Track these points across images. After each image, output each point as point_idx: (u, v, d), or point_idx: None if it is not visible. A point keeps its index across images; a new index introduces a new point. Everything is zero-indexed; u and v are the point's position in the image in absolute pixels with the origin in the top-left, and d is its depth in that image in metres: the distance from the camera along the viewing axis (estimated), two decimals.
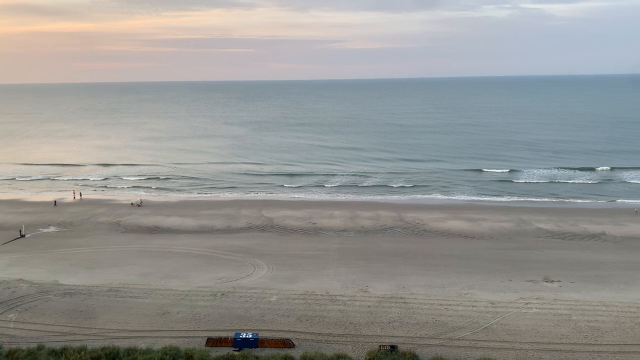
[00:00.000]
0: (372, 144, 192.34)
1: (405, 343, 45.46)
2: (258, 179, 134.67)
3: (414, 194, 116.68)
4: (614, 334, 46.81)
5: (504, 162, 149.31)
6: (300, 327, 48.61)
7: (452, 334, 47.29)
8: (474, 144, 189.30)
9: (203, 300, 54.88)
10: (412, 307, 52.74)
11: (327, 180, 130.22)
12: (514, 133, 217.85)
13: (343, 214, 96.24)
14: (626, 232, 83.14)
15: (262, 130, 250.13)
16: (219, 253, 72.53)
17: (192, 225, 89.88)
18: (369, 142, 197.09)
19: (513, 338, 46.39)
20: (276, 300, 54.77)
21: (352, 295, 55.88)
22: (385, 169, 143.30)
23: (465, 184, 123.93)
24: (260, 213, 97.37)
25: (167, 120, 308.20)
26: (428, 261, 68.44)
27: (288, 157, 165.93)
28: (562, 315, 50.60)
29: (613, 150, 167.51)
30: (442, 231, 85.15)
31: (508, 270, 64.61)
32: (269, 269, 65.22)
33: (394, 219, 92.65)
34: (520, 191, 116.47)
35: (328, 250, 73.72)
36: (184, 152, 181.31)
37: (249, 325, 48.96)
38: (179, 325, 49.10)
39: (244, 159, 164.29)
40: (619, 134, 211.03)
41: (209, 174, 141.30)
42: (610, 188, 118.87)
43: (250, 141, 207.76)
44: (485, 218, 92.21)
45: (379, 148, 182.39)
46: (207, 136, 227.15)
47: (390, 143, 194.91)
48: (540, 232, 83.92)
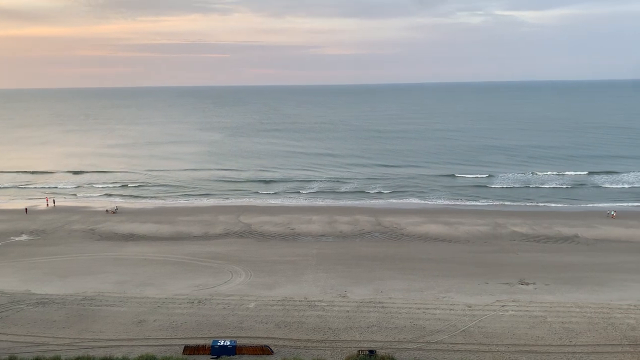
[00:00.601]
0: (349, 150, 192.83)
1: (383, 347, 45.57)
2: (234, 186, 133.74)
3: (392, 199, 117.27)
4: (588, 335, 47.66)
5: (479, 167, 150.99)
6: (279, 334, 48.38)
7: (430, 337, 47.58)
8: (450, 149, 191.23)
9: (180, 307, 54.23)
10: (390, 312, 52.93)
11: (304, 187, 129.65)
12: (489, 138, 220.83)
13: (321, 219, 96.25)
14: (598, 234, 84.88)
15: (238, 135, 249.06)
16: (196, 260, 71.82)
17: (169, 232, 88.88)
18: (346, 148, 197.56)
19: (490, 341, 46.88)
20: (254, 306, 54.43)
21: (331, 301, 55.84)
22: (362, 175, 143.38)
23: (442, 189, 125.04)
24: (238, 219, 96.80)
25: (143, 127, 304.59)
26: (406, 265, 68.83)
27: (264, 163, 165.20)
28: (538, 317, 51.34)
29: (586, 155, 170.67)
30: (419, 235, 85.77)
31: (484, 273, 65.34)
32: (247, 276, 64.81)
33: (372, 223, 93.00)
34: (495, 195, 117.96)
35: (306, 256, 73.60)
36: (159, 158, 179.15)
37: (226, 333, 48.52)
38: (155, 334, 48.41)
39: (220, 165, 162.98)
40: (592, 138, 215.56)
41: (185, 180, 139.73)
42: (584, 192, 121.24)
43: (227, 147, 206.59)
44: (461, 222, 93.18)
45: (355, 154, 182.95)
46: (183, 142, 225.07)
47: (367, 149, 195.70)
48: (515, 235, 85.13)
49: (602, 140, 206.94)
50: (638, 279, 62.83)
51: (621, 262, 69.87)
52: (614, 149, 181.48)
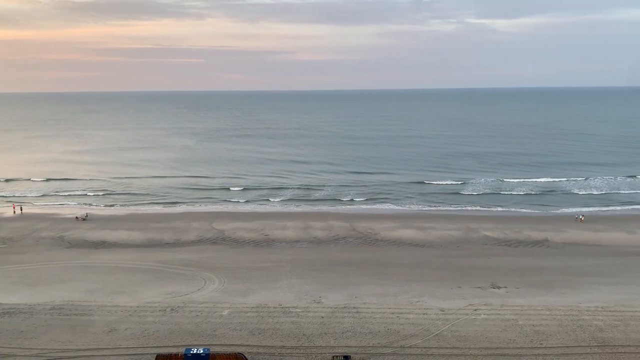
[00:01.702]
0: (322, 156, 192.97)
1: (358, 353, 45.65)
2: (207, 193, 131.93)
3: (365, 204, 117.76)
4: (557, 337, 48.57)
5: (451, 174, 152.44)
6: (253, 341, 48.04)
7: (403, 342, 47.84)
8: (422, 155, 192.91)
9: (152, 316, 53.40)
10: (364, 317, 53.08)
11: (276, 194, 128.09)
12: (460, 145, 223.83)
13: (296, 224, 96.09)
14: (567, 238, 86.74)
15: (211, 141, 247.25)
16: (169, 267, 70.88)
17: (140, 239, 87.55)
18: (319, 154, 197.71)
19: (463, 344, 47.37)
20: (228, 314, 53.94)
21: (305, 307, 55.71)
22: (335, 182, 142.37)
23: (415, 195, 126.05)
24: (211, 225, 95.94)
25: (113, 132, 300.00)
26: (380, 270, 69.15)
27: (237, 170, 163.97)
28: (509, 321, 52.11)
29: (555, 162, 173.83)
30: (393, 240, 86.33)
31: (457, 277, 66.08)
32: (220, 283, 64.22)
33: (346, 229, 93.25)
34: (467, 201, 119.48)
35: (281, 262, 73.35)
36: (130, 164, 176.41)
37: (200, 341, 47.96)
38: (127, 343, 47.53)
39: (192, 171, 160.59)
40: (561, 145, 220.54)
41: (155, 187, 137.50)
42: (553, 197, 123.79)
43: (199, 153, 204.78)
44: (434, 227, 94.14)
45: (328, 160, 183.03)
46: (155, 148, 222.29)
47: (340, 155, 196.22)
48: (487, 239, 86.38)
49: (570, 147, 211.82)
50: (605, 281, 64.37)
51: (589, 265, 71.49)
52: (582, 156, 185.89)
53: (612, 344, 47.27)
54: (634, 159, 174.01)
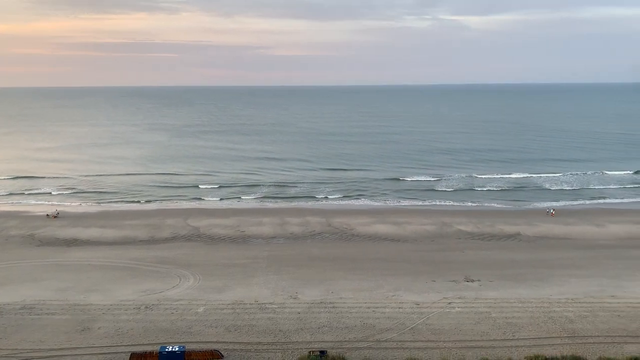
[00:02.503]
0: (297, 153, 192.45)
1: (334, 347, 45.89)
2: (180, 191, 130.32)
3: (342, 200, 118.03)
4: (529, 329, 49.58)
5: (425, 169, 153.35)
6: (229, 337, 47.87)
7: (379, 336, 48.25)
8: (397, 152, 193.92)
9: (126, 314, 52.78)
10: (341, 312, 53.34)
11: (251, 191, 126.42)
12: (435, 141, 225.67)
13: (272, 220, 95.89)
14: (539, 232, 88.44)
15: (185, 137, 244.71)
16: (143, 264, 70.08)
17: (114, 237, 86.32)
18: (294, 151, 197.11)
19: (437, 337, 48.00)
20: (203, 311, 53.64)
21: (282, 303, 55.74)
22: (310, 179, 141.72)
23: (390, 191, 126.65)
24: (186, 222, 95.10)
25: (86, 128, 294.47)
26: (356, 265, 69.52)
27: (211, 167, 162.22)
28: (483, 313, 52.98)
29: (528, 158, 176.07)
30: (369, 235, 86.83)
31: (432, 271, 66.85)
32: (195, 280, 63.77)
33: (322, 224, 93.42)
34: (441, 196, 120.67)
35: (257, 258, 73.16)
36: (102, 161, 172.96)
37: (175, 338, 47.60)
38: (100, 342, 46.90)
39: (165, 168, 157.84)
40: (533, 141, 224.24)
41: (127, 184, 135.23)
42: (525, 192, 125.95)
43: (173, 150, 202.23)
44: (409, 221, 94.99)
45: (304, 157, 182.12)
46: (128, 144, 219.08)
47: (316, 151, 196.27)
48: (460, 233, 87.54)
49: (542, 143, 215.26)
50: (575, 274, 65.88)
51: (560, 258, 73.04)
52: (554, 152, 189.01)
53: (581, 334, 48.47)
54: (604, 155, 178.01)
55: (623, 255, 74.04)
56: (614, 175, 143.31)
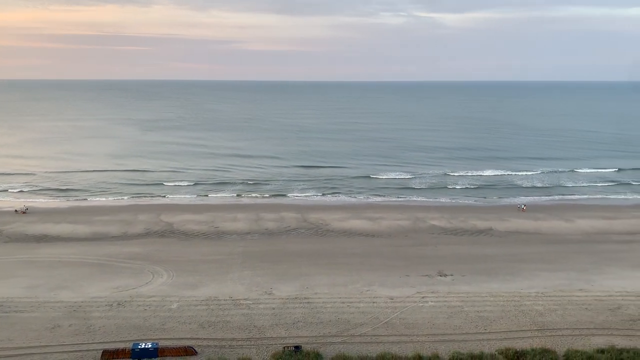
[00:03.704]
0: (271, 149, 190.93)
1: (309, 343, 46.02)
2: (153, 188, 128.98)
3: (317, 196, 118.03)
4: (501, 322, 50.51)
5: (399, 166, 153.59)
6: (203, 334, 47.59)
7: (354, 330, 48.56)
8: (372, 148, 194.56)
9: (98, 311, 52.00)
10: (315, 307, 53.51)
11: (223, 188, 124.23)
12: (410, 138, 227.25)
13: (247, 216, 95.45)
14: (510, 227, 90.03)
15: (157, 132, 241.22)
16: (115, 261, 69.08)
17: (85, 232, 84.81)
18: (269, 147, 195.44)
19: (411, 331, 48.54)
20: (177, 307, 53.18)
21: (256, 299, 55.62)
22: (284, 176, 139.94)
23: (365, 187, 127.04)
24: (159, 218, 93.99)
25: (55, 122, 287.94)
26: (331, 260, 69.75)
27: (183, 162, 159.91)
28: (455, 307, 53.76)
29: (500, 155, 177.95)
30: (344, 231, 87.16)
31: (406, 266, 67.51)
32: (169, 276, 63.15)
33: (298, 220, 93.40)
34: (415, 193, 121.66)
35: (231, 254, 72.80)
36: (72, 156, 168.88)
37: (148, 335, 47.11)
38: (71, 339, 46.12)
39: (136, 164, 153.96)
40: (506, 139, 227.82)
41: (98, 179, 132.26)
42: (497, 188, 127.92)
43: (145, 145, 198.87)
44: (383, 217, 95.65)
45: (278, 154, 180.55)
46: (98, 138, 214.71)
47: (289, 148, 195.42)
48: (434, 229, 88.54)
49: (514, 141, 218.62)
50: (545, 268, 67.32)
51: (530, 253, 74.51)
52: (526, 149, 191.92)
53: (550, 327, 49.61)
54: (575, 154, 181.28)
55: (591, 250, 75.92)
56: (584, 172, 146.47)
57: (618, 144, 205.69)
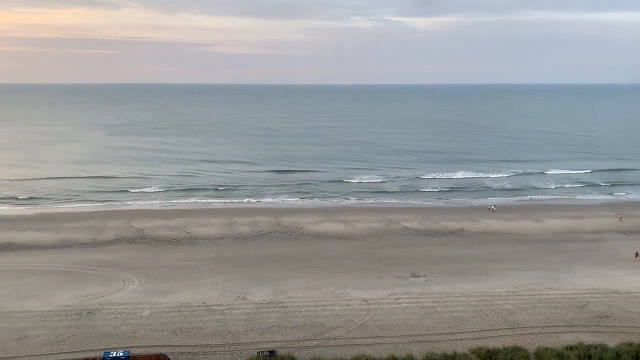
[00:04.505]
0: (243, 153, 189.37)
1: (284, 347, 45.82)
2: (122, 195, 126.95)
3: (290, 199, 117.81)
4: (473, 322, 51.17)
5: (372, 170, 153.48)
6: (176, 341, 46.95)
7: (328, 333, 48.54)
8: (344, 151, 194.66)
9: (67, 320, 50.80)
10: (290, 311, 53.32)
11: (194, 194, 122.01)
12: (382, 141, 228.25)
13: (219, 221, 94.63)
14: (480, 227, 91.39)
15: (126, 136, 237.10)
16: (84, 268, 67.63)
17: (52, 240, 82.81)
18: (240, 151, 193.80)
19: (385, 333, 48.78)
20: (149, 314, 52.34)
21: (230, 304, 55.14)
22: (256, 181, 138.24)
23: (338, 190, 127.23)
24: (130, 224, 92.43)
25: (20, 127, 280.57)
26: (305, 264, 69.66)
27: (152, 168, 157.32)
28: (428, 308, 54.26)
29: (471, 158, 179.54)
30: (318, 234, 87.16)
31: (379, 268, 67.87)
32: (140, 283, 62.12)
33: (271, 224, 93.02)
34: (388, 195, 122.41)
35: (204, 260, 72.04)
36: (37, 162, 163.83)
37: (119, 343, 46.23)
38: (39, 350, 44.94)
39: (104, 169, 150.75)
40: (478, 141, 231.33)
41: (64, 186, 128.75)
42: (468, 189, 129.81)
43: (113, 150, 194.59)
44: (357, 219, 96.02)
45: (249, 159, 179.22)
46: (65, 143, 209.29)
47: (261, 152, 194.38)
48: (406, 230, 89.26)
49: (485, 143, 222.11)
50: (515, 267, 68.53)
51: (501, 253, 75.76)
52: (497, 152, 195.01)
53: (521, 325, 50.49)
54: (544, 156, 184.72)
55: (559, 249, 77.60)
56: (553, 174, 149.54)
57: (586, 145, 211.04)
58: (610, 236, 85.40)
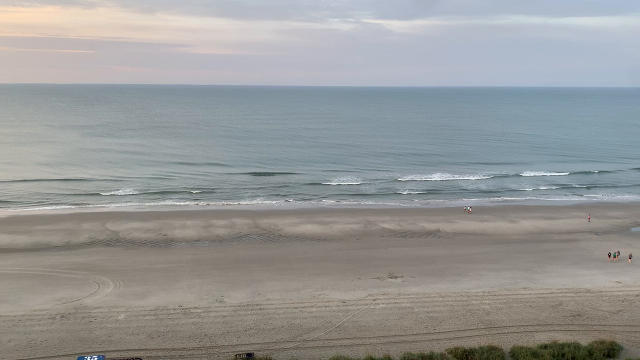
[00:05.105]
0: (219, 155, 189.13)
1: (261, 349, 45.62)
2: (96, 198, 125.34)
3: (268, 201, 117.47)
4: (449, 322, 51.65)
5: (350, 172, 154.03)
6: (152, 344, 46.36)
7: (306, 335, 48.48)
8: (322, 153, 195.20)
9: (40, 324, 49.79)
10: (268, 313, 53.12)
11: (170, 196, 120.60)
12: (360, 143, 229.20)
13: (196, 223, 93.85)
14: (457, 228, 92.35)
15: (101, 138, 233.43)
16: (58, 272, 66.38)
17: (25, 243, 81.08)
18: (217, 154, 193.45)
19: (363, 334, 48.93)
20: (124, 318, 51.61)
21: (207, 307, 54.69)
22: (232, 183, 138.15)
23: (316, 192, 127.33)
24: (104, 226, 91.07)
25: None
26: (283, 266, 69.47)
27: (126, 169, 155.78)
28: (406, 309, 54.61)
29: (449, 161, 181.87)
30: (296, 235, 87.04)
31: (357, 269, 68.06)
32: (115, 286, 61.23)
33: (249, 226, 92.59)
34: (366, 196, 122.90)
35: (180, 262, 71.33)
36: (5, 164, 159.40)
37: (94, 348, 45.48)
38: (10, 355, 43.93)
39: (78, 172, 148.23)
40: (455, 143, 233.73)
41: (36, 188, 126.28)
42: (444, 191, 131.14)
43: (87, 152, 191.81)
44: (336, 221, 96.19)
45: (225, 161, 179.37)
46: (35, 145, 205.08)
47: (240, 153, 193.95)
48: (384, 231, 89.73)
49: (462, 145, 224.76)
50: (491, 267, 69.40)
51: (477, 253, 76.65)
52: (473, 154, 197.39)
53: (497, 325, 51.14)
54: (519, 158, 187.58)
55: (534, 249, 78.84)
56: (528, 176, 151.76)
57: (561, 148, 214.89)
58: (582, 236, 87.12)
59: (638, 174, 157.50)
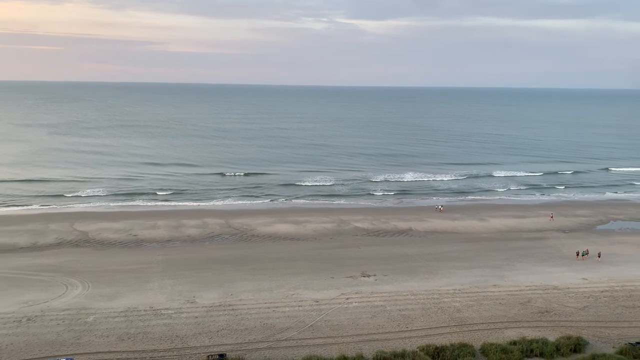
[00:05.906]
0: (190, 155, 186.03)
1: (234, 350, 45.34)
2: (63, 200, 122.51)
3: (241, 200, 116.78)
4: (421, 320, 52.19)
5: (323, 172, 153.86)
6: (122, 347, 45.62)
7: (279, 335, 48.37)
8: (294, 153, 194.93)
9: (4, 328, 48.49)
10: (240, 313, 52.82)
11: (139, 197, 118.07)
12: (333, 143, 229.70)
13: (167, 223, 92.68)
14: (429, 227, 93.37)
15: (68, 137, 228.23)
16: (24, 274, 64.74)
17: None
18: (187, 154, 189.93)
19: (336, 333, 49.06)
20: (93, 320, 50.66)
21: (178, 308, 54.09)
22: (203, 184, 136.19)
23: (289, 192, 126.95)
24: (73, 227, 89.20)
25: None
26: (256, 266, 69.16)
27: (98, 169, 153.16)
28: (378, 307, 54.96)
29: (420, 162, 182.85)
30: (269, 235, 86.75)
31: (330, 268, 68.21)
32: (84, 287, 60.04)
33: (222, 225, 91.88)
34: (339, 196, 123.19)
35: (151, 263, 70.35)
36: None
37: (61, 351, 44.51)
38: None
39: (42, 172, 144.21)
40: (426, 143, 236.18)
41: (1, 186, 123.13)
42: (416, 191, 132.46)
43: (53, 152, 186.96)
44: (309, 220, 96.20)
45: (196, 161, 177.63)
46: (1, 144, 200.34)
47: (212, 152, 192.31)
48: (357, 230, 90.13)
49: (434, 145, 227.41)
50: (462, 265, 70.37)
51: (448, 251, 77.63)
52: (444, 154, 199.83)
53: (468, 322, 51.87)
54: (490, 158, 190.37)
55: (503, 247, 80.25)
56: (498, 176, 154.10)
57: (531, 148, 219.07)
58: (550, 234, 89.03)
59: (604, 174, 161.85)
